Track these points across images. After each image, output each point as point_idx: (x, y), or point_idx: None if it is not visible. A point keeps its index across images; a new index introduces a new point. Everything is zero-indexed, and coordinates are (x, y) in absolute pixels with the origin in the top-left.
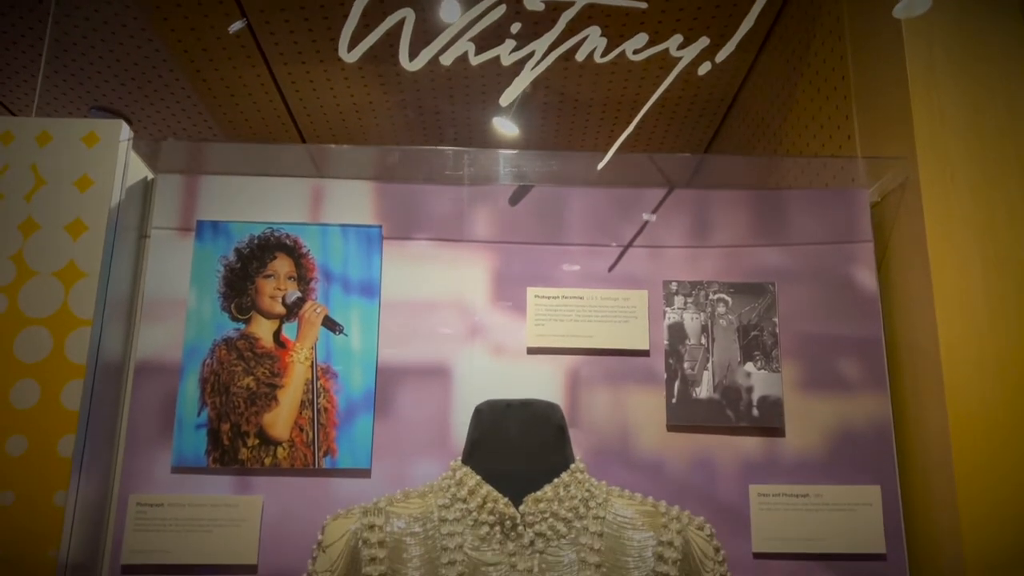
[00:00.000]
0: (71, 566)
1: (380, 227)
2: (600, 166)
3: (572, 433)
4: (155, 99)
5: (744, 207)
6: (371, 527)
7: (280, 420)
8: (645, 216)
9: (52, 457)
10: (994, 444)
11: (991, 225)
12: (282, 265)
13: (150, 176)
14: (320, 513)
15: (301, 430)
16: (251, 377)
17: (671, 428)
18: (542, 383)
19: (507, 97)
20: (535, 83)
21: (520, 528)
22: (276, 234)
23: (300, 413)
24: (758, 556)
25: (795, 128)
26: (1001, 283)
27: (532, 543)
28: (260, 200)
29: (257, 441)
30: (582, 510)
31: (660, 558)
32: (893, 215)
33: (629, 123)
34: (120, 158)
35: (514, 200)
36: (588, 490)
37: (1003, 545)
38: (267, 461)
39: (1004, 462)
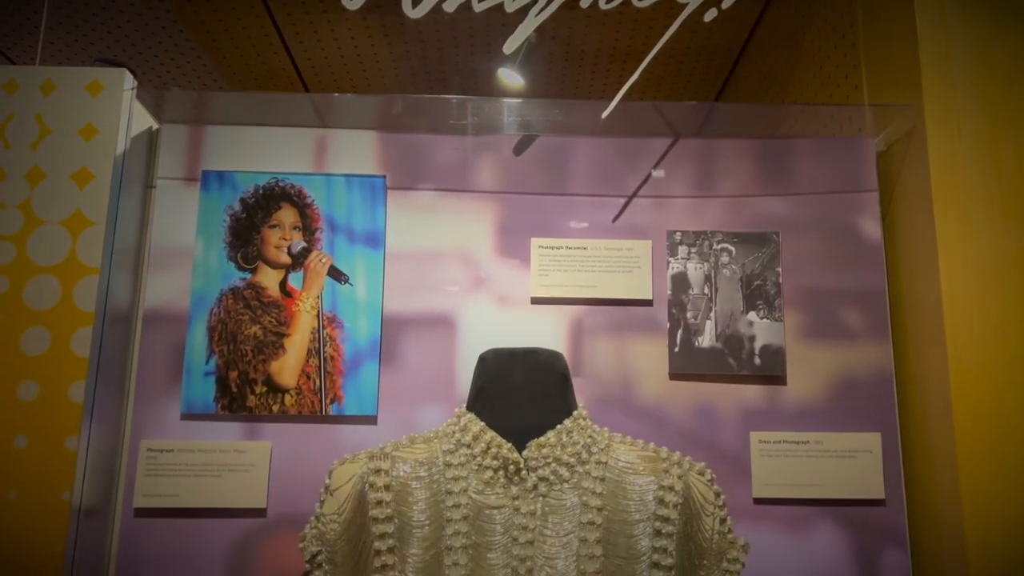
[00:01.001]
0: (84, 509)
1: (384, 177)
2: (604, 115)
3: (575, 382)
4: (159, 51)
5: (749, 156)
6: (377, 471)
7: (287, 368)
8: (653, 172)
9: (63, 403)
10: (994, 393)
11: (997, 175)
12: (287, 215)
13: (155, 126)
14: (327, 459)
15: (308, 378)
16: (258, 326)
17: (673, 377)
18: (546, 333)
19: (511, 44)
20: (540, 32)
21: (523, 473)
22: (281, 184)
23: (307, 361)
24: (758, 502)
25: (803, 79)
26: (1005, 233)
27: (535, 487)
28: (265, 150)
29: (265, 389)
30: (584, 455)
31: (661, 502)
32: (899, 164)
33: (635, 73)
34: (124, 107)
35: (518, 150)
36: (590, 436)
37: (1000, 490)
38: (275, 408)
39: (1003, 411)
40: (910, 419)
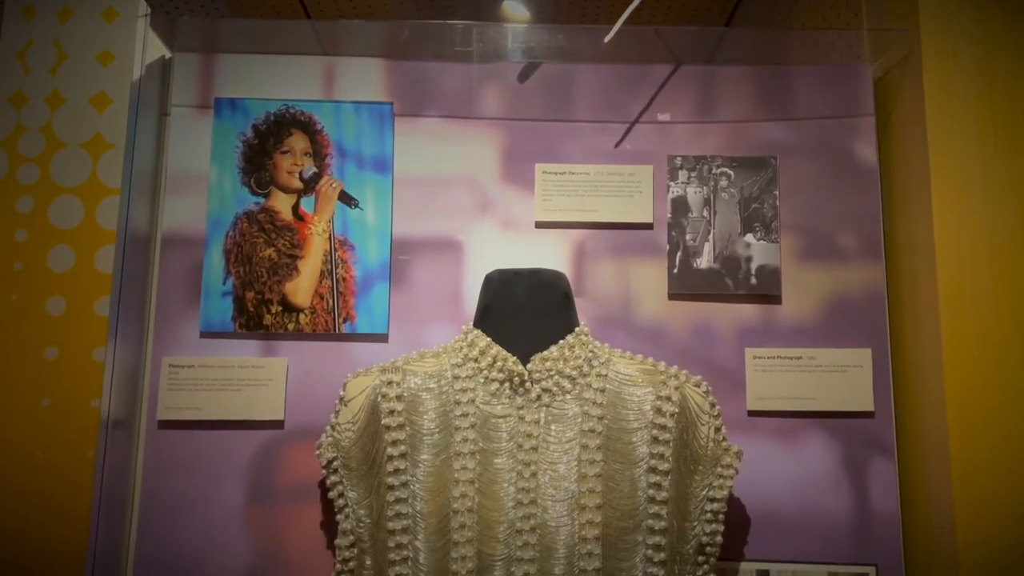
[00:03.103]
0: (112, 421)
1: (391, 104)
2: (607, 39)
3: (578, 302)
4: None
5: (750, 82)
6: (389, 383)
7: (301, 289)
8: (659, 116)
9: (90, 316)
10: (982, 310)
11: (991, 100)
12: (298, 141)
13: (168, 55)
14: (341, 374)
15: (321, 298)
16: (272, 248)
17: (672, 297)
18: (549, 256)
19: None
20: None
21: (528, 384)
22: (291, 111)
23: (320, 282)
24: (752, 414)
25: (806, 9)
26: (997, 157)
27: (539, 398)
28: (275, 78)
29: (280, 308)
30: (585, 368)
31: (658, 411)
32: (895, 90)
33: None
34: (139, 33)
35: (523, 77)
36: (592, 351)
37: (986, 404)
38: (290, 326)
39: (990, 327)
40: (900, 336)
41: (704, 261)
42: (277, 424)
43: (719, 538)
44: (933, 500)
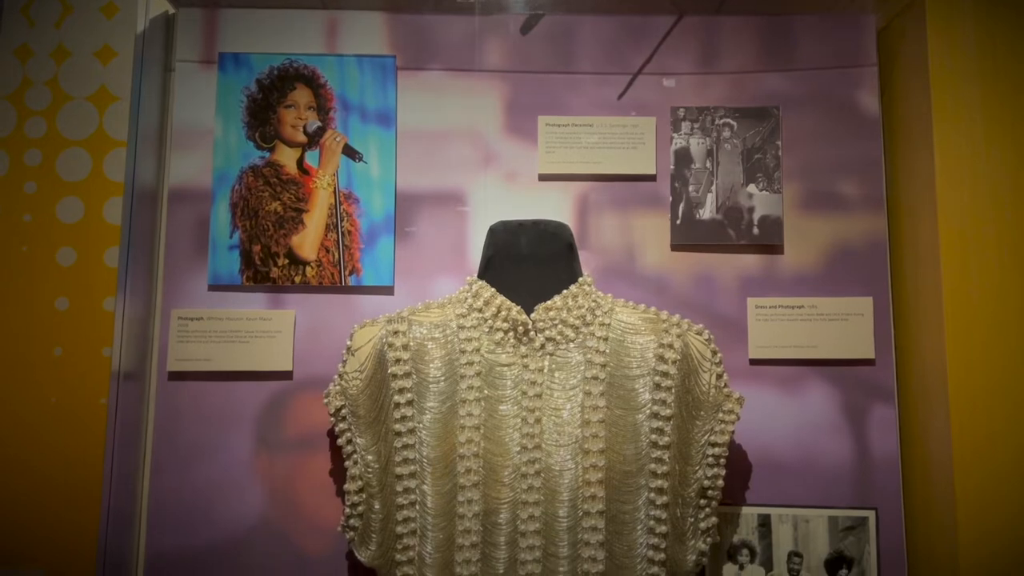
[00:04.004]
0: (123, 373)
1: (394, 57)
2: None
3: (581, 254)
4: None
5: (752, 33)
6: (395, 333)
7: (307, 242)
8: (665, 82)
9: (99, 267)
10: (983, 259)
11: (993, 50)
12: (302, 95)
13: (171, 11)
14: (348, 325)
15: (327, 251)
16: (278, 202)
17: (675, 248)
18: (553, 208)
19: None
20: None
21: (532, 333)
22: (295, 65)
23: (326, 235)
24: (754, 363)
25: None
26: (999, 106)
27: (543, 346)
28: (278, 32)
29: (287, 261)
30: (589, 318)
31: (661, 359)
32: (898, 39)
33: None
34: None
35: (525, 29)
36: (595, 300)
37: (984, 350)
38: (297, 279)
39: (992, 276)
40: (901, 284)
41: (707, 212)
42: (286, 375)
43: (720, 482)
44: (932, 445)
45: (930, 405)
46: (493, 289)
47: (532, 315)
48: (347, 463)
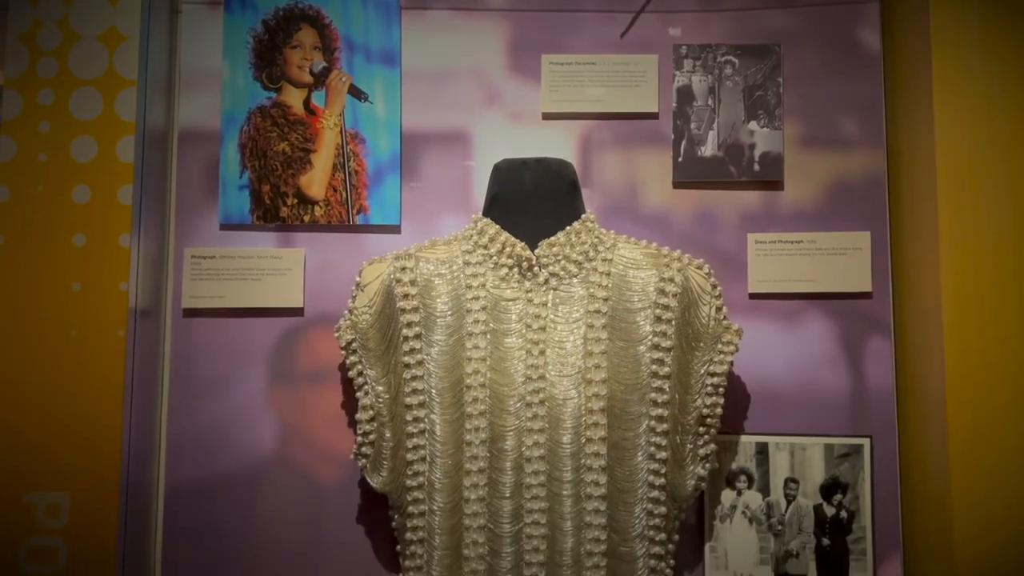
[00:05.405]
0: (140, 310)
1: None
2: None
3: (584, 192)
4: None
5: None
6: (403, 269)
7: (315, 181)
8: (670, 31)
9: (114, 204)
10: (981, 193)
11: None
12: (307, 35)
13: None
14: (357, 263)
15: (335, 190)
16: (286, 142)
17: (677, 185)
18: (556, 147)
19: None
20: None
21: (536, 269)
22: (300, 5)
23: (333, 175)
24: (753, 296)
25: None
26: (999, 44)
27: (546, 281)
28: None
29: (296, 200)
30: (591, 253)
31: (661, 292)
32: None
33: None
34: None
35: None
36: (597, 237)
37: (978, 283)
38: (306, 218)
39: (989, 210)
40: (899, 217)
41: (708, 149)
42: (297, 311)
43: (719, 410)
44: (926, 376)
45: (925, 337)
46: (498, 226)
47: (536, 251)
48: (358, 394)
